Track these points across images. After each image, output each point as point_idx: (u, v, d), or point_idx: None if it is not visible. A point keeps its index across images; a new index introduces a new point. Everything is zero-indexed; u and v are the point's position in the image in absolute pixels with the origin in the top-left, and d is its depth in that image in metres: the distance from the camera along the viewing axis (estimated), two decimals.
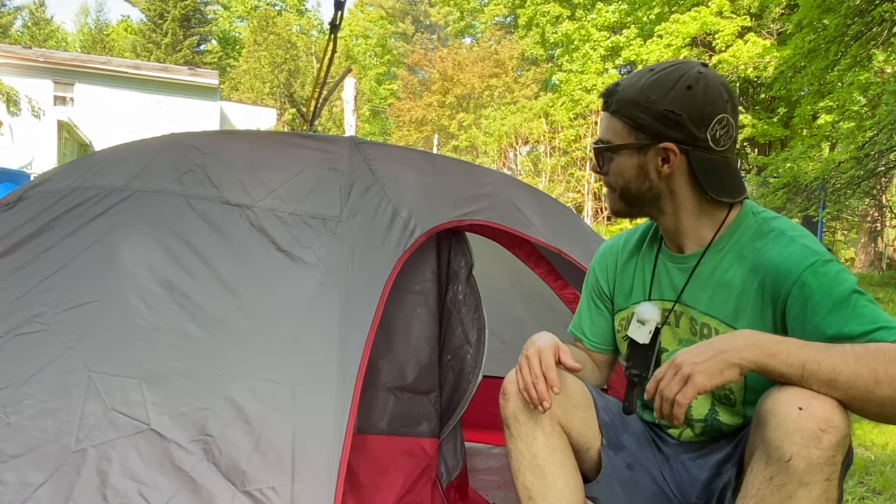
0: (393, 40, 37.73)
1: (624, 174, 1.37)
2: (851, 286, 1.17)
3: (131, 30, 38.09)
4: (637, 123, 1.32)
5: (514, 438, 1.41)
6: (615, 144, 1.36)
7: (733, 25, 17.23)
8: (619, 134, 1.35)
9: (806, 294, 1.19)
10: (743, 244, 1.31)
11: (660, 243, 1.47)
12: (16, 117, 17.17)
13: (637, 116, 1.31)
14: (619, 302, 1.54)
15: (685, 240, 1.39)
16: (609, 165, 1.39)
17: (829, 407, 1.06)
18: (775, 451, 1.07)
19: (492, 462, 2.60)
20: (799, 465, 1.05)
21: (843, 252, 16.97)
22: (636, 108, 1.31)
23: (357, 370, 1.44)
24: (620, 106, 1.34)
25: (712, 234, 1.35)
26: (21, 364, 1.42)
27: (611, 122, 1.37)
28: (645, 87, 1.31)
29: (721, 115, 1.29)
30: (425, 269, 1.80)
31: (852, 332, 1.14)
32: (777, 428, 1.07)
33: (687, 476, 1.40)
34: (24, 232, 1.65)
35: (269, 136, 1.97)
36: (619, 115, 1.34)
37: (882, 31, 9.60)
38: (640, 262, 1.50)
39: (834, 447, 1.05)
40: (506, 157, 22.26)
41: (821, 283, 1.18)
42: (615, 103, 1.35)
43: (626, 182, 1.37)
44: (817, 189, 10.34)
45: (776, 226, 1.30)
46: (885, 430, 3.15)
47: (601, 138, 1.39)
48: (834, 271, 1.19)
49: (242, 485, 1.30)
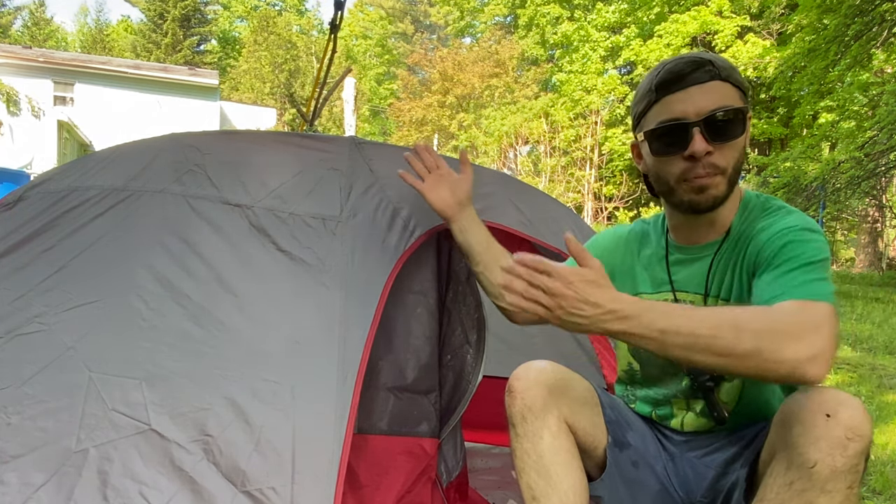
0: (393, 40, 37.73)
1: (741, 144, 1.30)
2: (817, 257, 1.18)
3: (131, 30, 38.10)
4: (742, 87, 1.29)
5: (519, 438, 1.39)
6: (742, 107, 1.27)
7: (733, 25, 17.23)
8: (735, 99, 1.28)
9: (769, 248, 1.22)
10: (748, 223, 1.33)
11: (666, 238, 1.46)
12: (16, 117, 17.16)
13: (741, 81, 1.29)
14: (642, 285, 1.51)
15: (712, 229, 1.37)
16: (732, 137, 1.28)
17: (857, 414, 1.05)
18: (798, 456, 1.06)
19: (492, 462, 2.60)
20: (823, 472, 1.04)
21: (843, 252, 16.96)
22: (736, 72, 1.29)
23: (357, 370, 1.44)
24: (728, 72, 1.27)
25: (731, 220, 1.36)
26: (21, 364, 1.42)
27: (724, 88, 1.27)
28: (721, 58, 1.31)
29: None
30: (425, 269, 1.80)
31: (774, 293, 1.14)
32: (803, 434, 1.06)
33: (692, 474, 1.40)
34: (24, 232, 1.65)
35: (269, 136, 1.97)
36: (731, 80, 1.27)
37: (882, 31, 9.59)
38: (649, 252, 1.49)
39: (858, 455, 1.05)
40: (506, 157, 22.26)
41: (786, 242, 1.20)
42: (723, 70, 1.27)
43: (740, 154, 1.31)
44: (817, 189, 10.34)
45: (777, 203, 1.34)
46: (884, 429, 3.15)
47: (723, 106, 1.25)
48: (809, 240, 1.20)
49: (242, 485, 1.30)
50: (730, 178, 1.30)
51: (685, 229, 1.42)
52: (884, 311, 7.56)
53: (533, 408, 1.37)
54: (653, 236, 1.50)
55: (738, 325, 1.03)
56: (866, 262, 14.73)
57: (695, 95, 1.26)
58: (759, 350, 1.02)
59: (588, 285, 1.09)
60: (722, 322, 1.04)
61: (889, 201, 14.15)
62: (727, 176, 1.29)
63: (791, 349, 1.01)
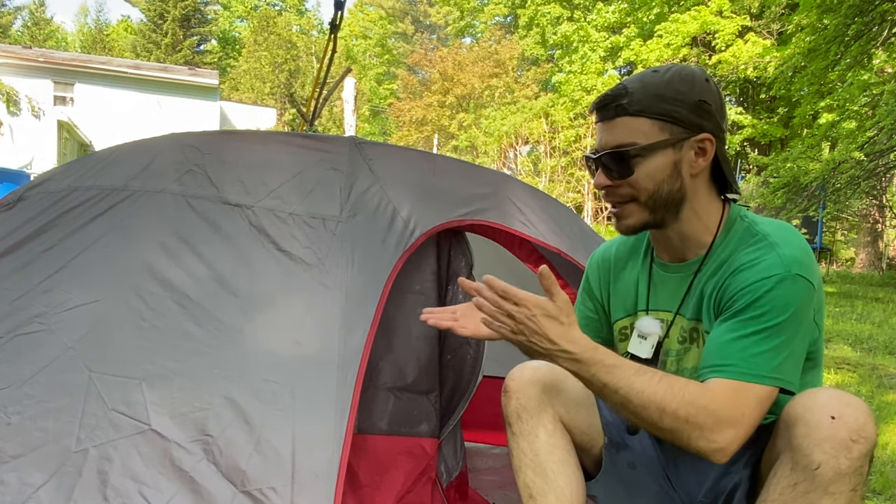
0: (393, 40, 37.73)
1: (656, 176, 1.26)
2: (781, 317, 1.15)
3: (131, 30, 38.10)
4: (672, 117, 1.24)
5: (515, 437, 1.40)
6: (647, 144, 1.25)
7: (733, 25, 17.22)
8: (648, 133, 1.25)
9: (740, 298, 1.19)
10: (729, 251, 1.27)
11: (650, 252, 1.44)
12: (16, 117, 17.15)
13: (671, 110, 1.24)
14: (615, 313, 1.50)
15: (688, 247, 1.34)
16: (636, 171, 1.27)
17: (861, 416, 1.05)
18: (803, 458, 1.06)
19: (492, 462, 2.60)
20: (827, 474, 1.04)
21: (843, 252, 16.97)
22: (666, 102, 1.24)
23: (357, 370, 1.44)
24: (645, 104, 1.25)
25: (711, 239, 1.31)
26: (22, 364, 1.42)
27: (633, 123, 1.26)
28: (668, 82, 1.26)
29: (726, 109, 1.31)
30: (425, 269, 1.80)
31: (708, 361, 1.19)
32: (807, 435, 1.06)
33: (693, 474, 1.39)
34: (24, 232, 1.65)
35: (269, 135, 1.97)
36: (647, 114, 1.25)
37: (882, 31, 9.59)
38: (633, 273, 1.47)
39: (863, 457, 1.05)
40: (506, 157, 22.27)
41: (756, 298, 1.17)
42: (635, 103, 1.25)
43: (658, 185, 1.27)
44: (817, 189, 10.33)
45: (762, 230, 1.26)
46: (885, 430, 3.15)
47: (621, 143, 1.27)
48: (780, 294, 1.16)
49: (242, 485, 1.30)
50: (650, 203, 1.29)
51: (659, 246, 1.41)
52: (884, 311, 7.57)
53: (528, 407, 1.38)
54: (640, 252, 1.48)
55: (665, 407, 1.13)
56: (866, 262, 14.73)
57: (602, 131, 1.31)
58: (675, 432, 1.14)
59: (548, 320, 1.15)
60: (651, 401, 1.14)
61: (889, 201, 14.15)
62: (642, 203, 1.29)
63: (703, 440, 1.12)
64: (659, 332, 1.37)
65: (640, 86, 1.27)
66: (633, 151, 1.26)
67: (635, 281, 1.45)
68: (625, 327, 1.48)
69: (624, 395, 1.15)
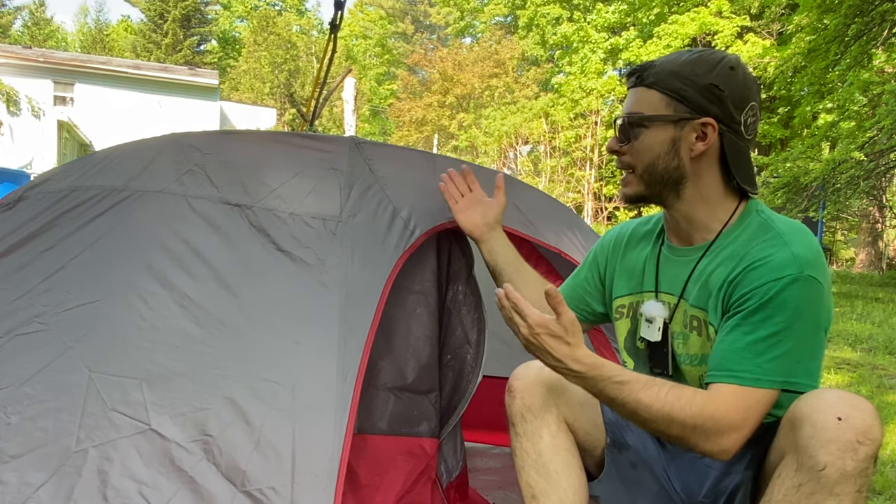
0: (393, 40, 37.75)
1: (653, 149, 1.31)
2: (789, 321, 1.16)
3: (131, 30, 38.10)
4: (679, 95, 1.27)
5: (519, 437, 1.40)
6: (649, 115, 1.30)
7: (732, 25, 17.23)
8: (655, 106, 1.30)
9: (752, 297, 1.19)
10: (741, 243, 1.27)
11: (662, 235, 1.45)
12: (16, 117, 17.17)
13: (679, 88, 1.27)
14: (617, 288, 1.51)
15: (694, 231, 1.35)
16: (636, 140, 1.32)
17: (868, 418, 1.06)
18: (808, 459, 1.06)
19: (492, 462, 2.60)
20: (832, 476, 1.04)
21: (843, 252, 16.97)
22: (678, 79, 1.28)
23: (357, 370, 1.44)
24: (659, 78, 1.29)
25: (720, 227, 1.31)
26: (21, 364, 1.42)
27: (644, 94, 1.31)
28: (688, 62, 1.29)
29: (754, 101, 1.30)
30: (425, 269, 1.80)
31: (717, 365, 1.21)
32: (813, 436, 1.06)
33: (693, 474, 1.39)
34: (24, 232, 1.65)
35: (269, 136, 1.97)
36: (658, 87, 1.29)
37: (882, 31, 9.59)
38: (643, 254, 1.47)
39: (868, 459, 1.05)
40: (506, 157, 22.28)
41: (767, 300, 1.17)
42: (652, 76, 1.30)
43: (654, 159, 1.31)
44: (817, 189, 10.33)
45: (777, 227, 1.27)
46: (885, 430, 3.15)
47: (630, 111, 1.33)
48: (792, 296, 1.16)
49: (242, 485, 1.30)
50: (645, 176, 1.33)
51: (669, 229, 1.42)
52: (884, 311, 7.57)
53: (532, 407, 1.38)
54: (654, 235, 1.49)
55: (673, 418, 1.17)
56: (866, 261, 14.74)
57: (630, 96, 1.36)
58: (683, 438, 1.18)
59: (553, 339, 1.17)
60: (660, 414, 1.17)
61: (889, 201, 14.15)
62: (638, 174, 1.34)
63: (710, 444, 1.17)
64: (664, 314, 1.38)
65: (665, 61, 1.32)
66: (636, 120, 1.32)
67: (643, 261, 1.46)
68: (622, 306, 1.49)
69: (632, 410, 1.18)
